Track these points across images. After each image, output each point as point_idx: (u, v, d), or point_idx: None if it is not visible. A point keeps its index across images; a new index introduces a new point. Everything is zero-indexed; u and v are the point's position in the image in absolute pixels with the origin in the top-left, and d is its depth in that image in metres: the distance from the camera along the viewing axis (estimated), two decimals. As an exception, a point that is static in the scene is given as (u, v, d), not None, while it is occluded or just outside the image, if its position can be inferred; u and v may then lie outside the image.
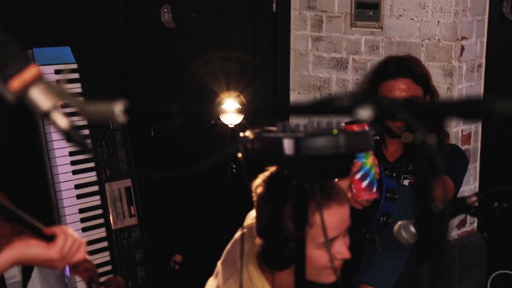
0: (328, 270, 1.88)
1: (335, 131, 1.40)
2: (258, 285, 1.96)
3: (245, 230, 2.12)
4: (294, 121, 1.45)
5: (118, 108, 1.07)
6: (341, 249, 1.89)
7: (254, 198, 1.88)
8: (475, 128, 3.91)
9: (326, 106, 1.00)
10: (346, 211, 1.88)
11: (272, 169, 1.86)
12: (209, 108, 1.10)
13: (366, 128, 2.00)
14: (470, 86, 3.76)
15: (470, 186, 3.93)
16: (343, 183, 2.18)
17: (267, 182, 1.85)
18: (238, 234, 2.13)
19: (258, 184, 1.87)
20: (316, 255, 1.85)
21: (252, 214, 2.26)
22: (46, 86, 1.19)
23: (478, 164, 3.99)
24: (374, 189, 2.34)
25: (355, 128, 2.01)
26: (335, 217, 1.85)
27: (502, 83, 3.99)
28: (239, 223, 2.37)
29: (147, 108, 1.07)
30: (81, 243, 1.77)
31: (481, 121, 3.94)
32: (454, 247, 3.85)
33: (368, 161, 2.32)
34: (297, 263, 1.43)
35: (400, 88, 3.27)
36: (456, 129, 3.76)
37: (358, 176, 2.30)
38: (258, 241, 1.91)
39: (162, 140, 3.74)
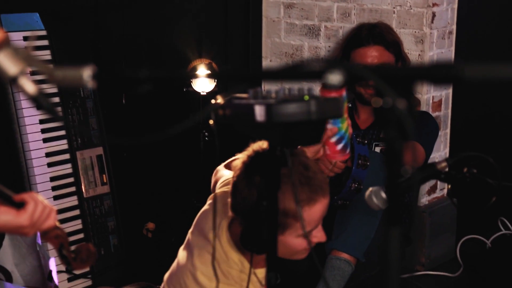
0: (303, 251, 1.91)
1: (306, 98, 1.39)
2: (235, 259, 1.96)
3: (210, 202, 2.11)
4: (266, 88, 1.44)
5: (86, 73, 1.05)
6: (318, 234, 1.92)
7: (234, 178, 1.85)
8: (446, 95, 3.94)
9: (297, 71, 1.00)
10: (328, 199, 1.88)
11: (251, 150, 1.83)
12: (179, 74, 1.09)
13: (344, 93, 1.99)
14: (441, 53, 3.77)
15: (440, 152, 3.96)
16: (313, 147, 2.20)
17: (247, 165, 1.82)
18: (208, 204, 2.12)
19: (237, 166, 1.85)
20: (296, 243, 1.87)
21: (222, 176, 2.25)
22: (14, 51, 1.17)
23: (448, 130, 4.03)
24: (348, 150, 2.38)
25: (333, 94, 1.99)
26: (320, 210, 1.86)
27: (472, 50, 4.01)
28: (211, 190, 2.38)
29: (116, 74, 1.06)
30: (51, 209, 1.76)
31: (452, 88, 3.97)
32: (424, 213, 3.89)
33: (344, 125, 2.34)
34: (270, 237, 1.44)
35: (372, 56, 3.28)
36: (427, 96, 3.78)
37: (333, 139, 2.32)
38: (231, 215, 1.90)
39: (133, 108, 3.72)
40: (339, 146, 2.34)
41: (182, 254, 2.08)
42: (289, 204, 1.77)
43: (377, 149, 3.33)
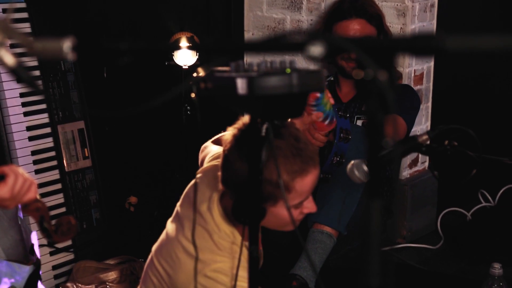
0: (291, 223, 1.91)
1: (288, 71, 1.39)
2: (227, 231, 1.97)
3: (200, 175, 2.11)
4: (248, 62, 1.44)
5: (66, 45, 1.04)
6: (309, 204, 1.93)
7: (224, 151, 1.85)
8: (427, 69, 3.95)
9: (279, 43, 1.00)
10: (318, 170, 1.88)
11: (241, 122, 1.84)
12: (159, 46, 1.08)
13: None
14: (423, 26, 3.77)
15: (422, 126, 3.98)
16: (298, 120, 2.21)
17: (238, 138, 1.83)
18: (197, 178, 2.11)
19: (228, 139, 1.84)
20: (287, 214, 1.86)
21: (210, 152, 2.25)
22: (-8, 23, 1.16)
23: (430, 104, 4.04)
24: (334, 119, 2.47)
25: None
26: (312, 181, 1.86)
27: (454, 23, 4.01)
28: (194, 164, 2.37)
29: (96, 46, 1.05)
30: (32, 182, 1.75)
31: (433, 61, 3.97)
32: (406, 186, 3.92)
33: (327, 105, 2.39)
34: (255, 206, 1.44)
35: (354, 29, 3.27)
36: (409, 69, 3.78)
37: (320, 119, 2.39)
38: (221, 188, 1.91)
39: (115, 82, 3.69)
40: (327, 122, 2.43)
41: (171, 226, 2.08)
42: (281, 175, 1.78)
43: (359, 123, 3.34)
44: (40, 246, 3.04)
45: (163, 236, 2.12)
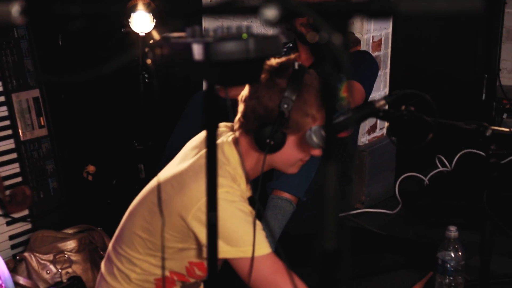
0: (297, 163, 2.08)
1: (244, 36, 1.38)
2: (229, 157, 2.01)
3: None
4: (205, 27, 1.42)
5: (15, 9, 1.02)
6: (316, 151, 2.07)
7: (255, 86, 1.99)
8: (386, 35, 3.96)
9: (233, 6, 0.98)
10: None
11: (271, 62, 2.00)
12: (113, 10, 1.06)
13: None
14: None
15: (380, 92, 4.00)
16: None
17: (271, 71, 1.99)
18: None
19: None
20: (295, 151, 2.04)
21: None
22: None
23: (388, 70, 4.06)
24: None
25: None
26: None
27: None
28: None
29: (46, 9, 1.02)
30: None
31: (391, 28, 3.99)
32: (364, 152, 3.95)
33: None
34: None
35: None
36: (367, 35, 3.79)
37: None
38: (238, 126, 2.05)
39: (70, 49, 3.63)
40: None
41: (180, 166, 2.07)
42: (311, 107, 1.99)
43: (318, 89, 3.35)
44: (-4, 216, 3.00)
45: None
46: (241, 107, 2.06)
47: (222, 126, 2.17)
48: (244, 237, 1.87)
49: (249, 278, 1.88)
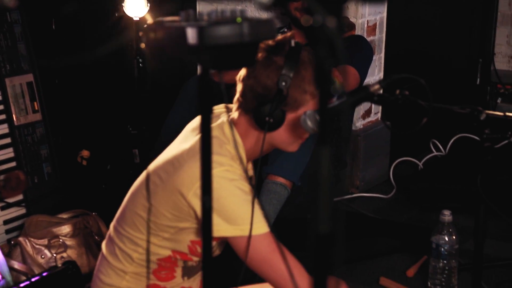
0: (297, 141, 2.10)
1: (239, 20, 1.37)
2: (229, 137, 2.01)
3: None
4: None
5: (7, -8, 1.01)
6: None
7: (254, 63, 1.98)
8: (380, 19, 3.95)
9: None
10: None
11: (268, 42, 2.00)
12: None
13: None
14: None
15: (375, 76, 4.00)
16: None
17: (268, 50, 2.00)
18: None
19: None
20: (295, 132, 2.04)
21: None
22: None
23: (383, 55, 4.06)
24: None
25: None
26: None
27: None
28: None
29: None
30: None
31: (386, 12, 3.98)
32: (359, 137, 3.95)
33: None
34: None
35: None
36: (362, 20, 3.78)
37: None
38: (236, 105, 2.06)
39: (64, 34, 3.62)
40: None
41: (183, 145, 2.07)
42: (309, 84, 1.99)
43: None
44: (-9, 201, 3.00)
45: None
46: (239, 87, 2.06)
47: (221, 107, 2.17)
48: (242, 216, 1.88)
49: (246, 256, 1.89)
